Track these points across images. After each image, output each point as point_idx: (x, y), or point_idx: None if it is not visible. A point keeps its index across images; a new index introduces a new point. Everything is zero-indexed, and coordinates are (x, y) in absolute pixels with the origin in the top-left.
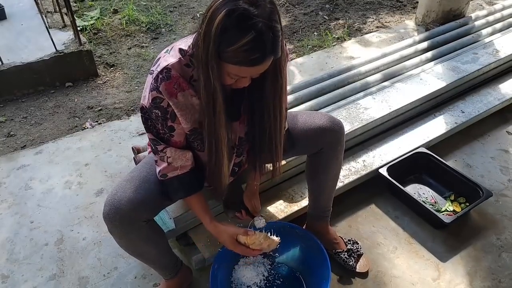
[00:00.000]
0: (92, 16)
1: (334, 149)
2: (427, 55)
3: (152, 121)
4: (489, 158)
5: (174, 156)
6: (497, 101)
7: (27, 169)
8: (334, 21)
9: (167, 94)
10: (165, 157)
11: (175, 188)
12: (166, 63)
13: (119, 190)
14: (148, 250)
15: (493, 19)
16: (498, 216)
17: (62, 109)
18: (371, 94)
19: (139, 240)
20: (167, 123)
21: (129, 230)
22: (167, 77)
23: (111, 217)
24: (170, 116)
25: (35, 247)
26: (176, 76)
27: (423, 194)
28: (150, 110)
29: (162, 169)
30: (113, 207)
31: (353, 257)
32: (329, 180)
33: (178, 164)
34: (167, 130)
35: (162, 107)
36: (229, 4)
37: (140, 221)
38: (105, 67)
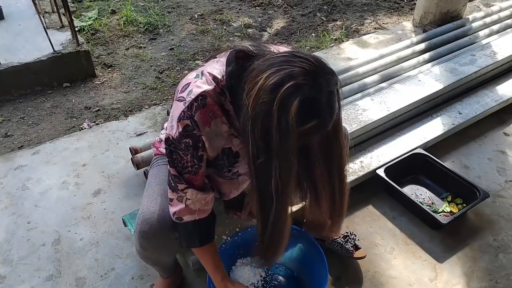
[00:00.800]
0: (90, 17)
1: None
2: (425, 56)
3: (178, 154)
4: (486, 159)
5: (194, 199)
6: (494, 103)
7: (24, 169)
8: (331, 22)
9: (201, 123)
10: (184, 198)
11: (189, 234)
12: (200, 90)
13: (158, 207)
14: (167, 259)
15: (490, 20)
16: (495, 217)
17: (60, 109)
18: (369, 95)
19: (166, 254)
20: (197, 153)
21: (163, 247)
22: (202, 104)
23: (151, 236)
24: (201, 145)
25: (32, 247)
26: (211, 104)
27: (420, 195)
28: (179, 140)
29: (178, 211)
30: (153, 226)
31: (350, 242)
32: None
33: (197, 207)
34: (196, 161)
35: (195, 135)
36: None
37: (174, 239)
38: (103, 67)
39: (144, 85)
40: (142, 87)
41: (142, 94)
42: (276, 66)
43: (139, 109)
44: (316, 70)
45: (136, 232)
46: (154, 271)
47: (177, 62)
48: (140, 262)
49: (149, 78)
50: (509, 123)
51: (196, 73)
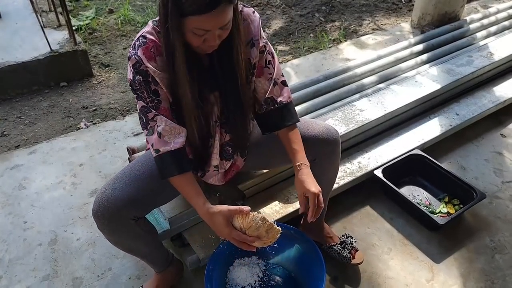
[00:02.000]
0: (87, 16)
1: (328, 159)
2: (422, 57)
3: (139, 92)
4: (483, 161)
5: (165, 127)
6: (491, 104)
7: (21, 169)
8: (330, 23)
9: (146, 58)
10: (155, 127)
11: (167, 164)
12: (141, 32)
13: (108, 188)
14: (138, 246)
15: (487, 22)
16: (491, 218)
17: (57, 109)
18: (366, 96)
19: (128, 238)
20: (150, 88)
21: (118, 228)
22: (143, 42)
23: (99, 215)
24: (152, 80)
25: (28, 247)
26: (152, 40)
27: (417, 196)
28: (133, 79)
29: (155, 142)
30: (101, 205)
31: (347, 248)
32: (324, 186)
33: (171, 139)
34: (153, 96)
35: (143, 71)
36: None
37: (128, 219)
38: (100, 67)
39: None
40: None
41: None
42: None
43: (136, 109)
44: None
45: (92, 214)
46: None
47: None
48: (137, 262)
49: None
50: (506, 125)
51: None
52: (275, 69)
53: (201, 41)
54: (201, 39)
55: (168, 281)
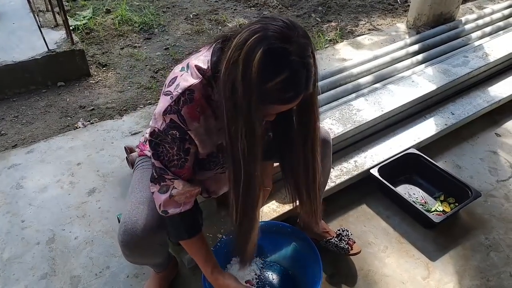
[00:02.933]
0: (84, 16)
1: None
2: (418, 57)
3: (164, 147)
4: (478, 159)
5: (179, 191)
6: (486, 104)
7: (19, 168)
8: (326, 23)
9: (189, 118)
10: (171, 187)
11: (176, 226)
12: (187, 84)
13: (139, 216)
14: (154, 260)
15: (482, 23)
16: (486, 216)
17: (54, 108)
18: (363, 96)
19: (151, 257)
20: (184, 145)
21: (147, 251)
22: (190, 99)
23: (132, 246)
24: (188, 138)
25: (26, 246)
26: (198, 98)
27: (413, 195)
28: (166, 132)
29: (163, 203)
30: (135, 236)
31: (344, 240)
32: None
33: (182, 200)
34: (182, 154)
35: (181, 128)
36: (264, 42)
37: (157, 244)
38: (97, 66)
39: (139, 85)
40: (137, 87)
41: (137, 93)
42: (249, 27)
43: (134, 109)
44: (288, 25)
45: (119, 242)
46: (149, 269)
47: (172, 62)
48: None
49: (144, 77)
50: (501, 124)
51: (181, 66)
52: None
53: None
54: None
55: (169, 278)
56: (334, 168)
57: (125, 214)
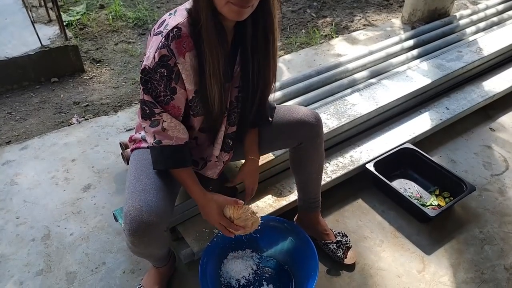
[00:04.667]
0: (78, 11)
1: (313, 142)
2: (413, 52)
3: (153, 83)
4: (473, 154)
5: (170, 124)
6: (480, 98)
7: (12, 164)
8: (321, 19)
9: (177, 53)
10: (161, 121)
11: (166, 157)
12: (175, 22)
13: (144, 204)
14: (159, 252)
15: (477, 18)
16: (480, 210)
17: (48, 104)
18: (358, 91)
19: (158, 247)
20: (170, 84)
21: (154, 241)
22: (177, 35)
23: (140, 233)
24: (174, 77)
25: (21, 242)
26: (185, 35)
27: (408, 189)
28: (155, 69)
29: (157, 133)
30: (142, 223)
31: (342, 248)
32: (314, 172)
33: (174, 134)
34: (168, 92)
35: (169, 66)
36: None
37: (163, 231)
38: (91, 62)
39: (134, 81)
40: (131, 83)
41: (132, 89)
42: None
43: (129, 105)
44: None
45: (126, 231)
46: (145, 265)
47: None
48: (131, 256)
49: (138, 73)
50: (495, 119)
51: (169, 12)
52: None
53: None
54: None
55: (168, 274)
56: (330, 163)
57: (128, 204)
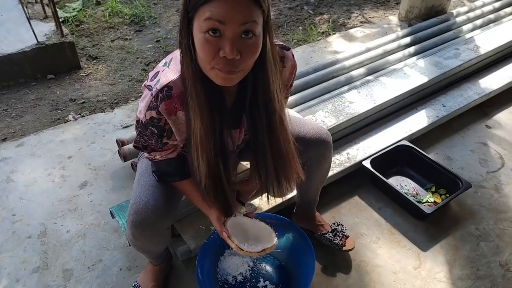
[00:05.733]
0: (74, 8)
1: (318, 162)
2: (410, 50)
3: (143, 138)
4: (469, 151)
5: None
6: (476, 96)
7: (8, 161)
8: (319, 16)
9: (167, 114)
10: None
11: (165, 171)
12: (166, 81)
13: (151, 197)
14: (159, 248)
15: (473, 15)
16: (476, 206)
17: (44, 101)
18: (355, 88)
19: (159, 243)
20: (162, 140)
21: (155, 236)
22: (167, 96)
23: (143, 226)
24: (166, 134)
25: (17, 240)
26: (177, 95)
27: (405, 186)
28: (146, 126)
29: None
30: (146, 216)
31: (338, 236)
32: (315, 184)
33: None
34: (159, 145)
35: (160, 126)
36: None
37: (166, 228)
38: (87, 59)
39: (130, 77)
40: (128, 79)
41: (128, 86)
42: None
43: (125, 101)
44: None
45: (129, 222)
46: (142, 262)
47: (164, 55)
48: (128, 253)
49: (135, 70)
50: (491, 116)
51: (165, 60)
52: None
53: (215, 50)
54: (214, 48)
55: (165, 271)
56: None
57: (136, 196)
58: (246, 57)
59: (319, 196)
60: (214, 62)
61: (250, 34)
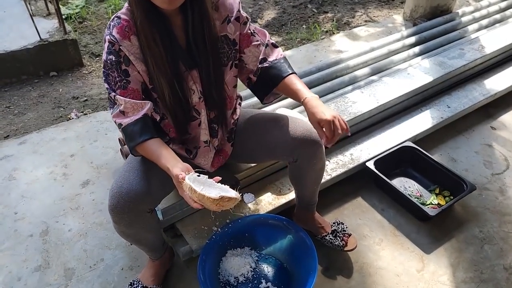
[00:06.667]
0: (77, 5)
1: (309, 161)
2: (415, 50)
3: (108, 74)
4: (473, 153)
5: (126, 105)
6: (481, 97)
7: (11, 159)
8: (322, 14)
9: (120, 37)
10: (119, 106)
11: (130, 135)
12: (116, 14)
13: (125, 182)
14: (147, 236)
15: (479, 15)
16: (480, 209)
17: (47, 99)
18: (359, 88)
19: (142, 229)
20: (121, 67)
21: (135, 221)
22: (117, 23)
23: (119, 210)
24: (123, 60)
25: (19, 238)
26: (126, 20)
27: (408, 188)
28: (106, 59)
29: (117, 118)
30: (121, 199)
31: (339, 237)
32: (310, 185)
33: (129, 110)
34: (122, 76)
35: (115, 51)
36: None
37: (145, 212)
38: (90, 56)
39: None
40: None
41: None
42: None
43: None
44: None
45: (108, 208)
46: (143, 262)
47: None
48: (130, 253)
49: None
50: (496, 117)
51: None
52: (262, 36)
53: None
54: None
55: (165, 267)
56: (330, 161)
57: (113, 183)
58: None
59: (317, 197)
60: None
61: None
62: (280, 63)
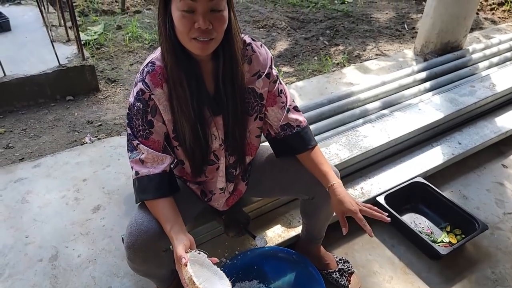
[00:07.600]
0: (95, 31)
1: (325, 199)
2: (426, 85)
3: (132, 119)
4: (485, 190)
5: (147, 156)
6: (493, 134)
7: (25, 182)
8: (334, 47)
9: (152, 85)
10: (139, 154)
11: (144, 187)
12: (150, 58)
13: (145, 219)
14: (159, 271)
15: (489, 52)
16: (492, 249)
17: (62, 122)
18: (370, 122)
19: (156, 267)
20: (146, 117)
21: (150, 259)
22: (152, 69)
23: (137, 247)
24: (150, 110)
25: (29, 262)
26: (160, 67)
27: (419, 224)
28: (133, 104)
29: (135, 165)
30: (139, 237)
31: (345, 276)
32: (321, 220)
33: (150, 165)
34: (146, 126)
35: (144, 100)
36: None
37: (161, 251)
38: (106, 82)
39: None
40: None
41: None
42: None
43: None
44: None
45: (124, 244)
46: None
47: None
48: (138, 282)
49: None
50: (508, 155)
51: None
52: (287, 98)
53: (191, 23)
54: (190, 22)
55: None
56: None
57: (132, 218)
58: (217, 27)
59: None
60: (192, 33)
61: (217, 8)
62: (304, 131)
